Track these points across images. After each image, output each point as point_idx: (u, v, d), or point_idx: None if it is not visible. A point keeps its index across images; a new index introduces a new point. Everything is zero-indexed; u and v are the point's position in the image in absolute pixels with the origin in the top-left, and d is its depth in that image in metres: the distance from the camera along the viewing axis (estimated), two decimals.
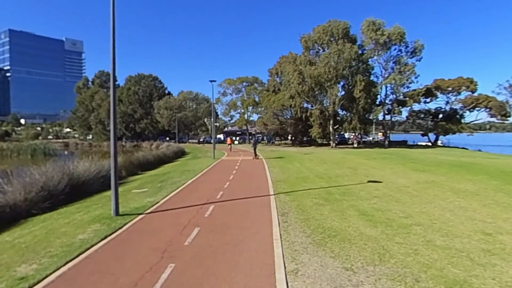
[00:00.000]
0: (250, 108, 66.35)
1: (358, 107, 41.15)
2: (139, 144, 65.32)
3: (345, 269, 4.97)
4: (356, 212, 8.42)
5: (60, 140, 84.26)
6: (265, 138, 72.10)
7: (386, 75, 43.11)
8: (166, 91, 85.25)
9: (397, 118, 49.78)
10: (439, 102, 49.94)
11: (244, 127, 71.56)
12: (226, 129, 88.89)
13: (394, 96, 44.24)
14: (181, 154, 38.00)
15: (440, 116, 49.69)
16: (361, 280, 4.61)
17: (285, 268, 5.05)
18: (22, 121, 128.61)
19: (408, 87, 43.33)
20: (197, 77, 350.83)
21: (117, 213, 8.45)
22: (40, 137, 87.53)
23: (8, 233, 8.23)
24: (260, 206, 9.30)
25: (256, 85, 66.70)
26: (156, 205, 9.69)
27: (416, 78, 42.31)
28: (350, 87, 41.99)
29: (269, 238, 6.47)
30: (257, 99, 63.32)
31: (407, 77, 41.40)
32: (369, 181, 13.49)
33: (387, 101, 44.87)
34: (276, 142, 66.54)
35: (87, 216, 8.77)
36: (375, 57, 43.13)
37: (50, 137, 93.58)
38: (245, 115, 67.85)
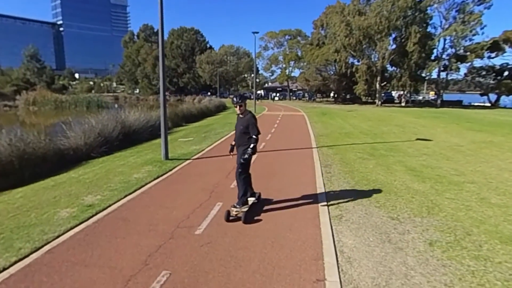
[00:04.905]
0: (292, 63, 64.28)
1: (410, 62, 37.94)
2: (182, 98, 67.03)
3: (390, 218, 4.93)
4: (403, 168, 8.13)
5: (111, 94, 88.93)
6: (306, 94, 70.32)
7: (446, 26, 38.65)
8: (208, 45, 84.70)
9: (454, 76, 45.28)
10: (506, 58, 44.45)
11: (285, 83, 70.05)
12: (266, 85, 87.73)
13: (453, 50, 39.93)
14: (222, 108, 38.57)
15: (506, 73, 44.37)
16: (408, 229, 4.56)
17: (329, 213, 5.13)
18: (76, 75, 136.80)
19: (471, 39, 38.62)
20: (238, 31, 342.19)
21: (166, 157, 8.99)
22: (93, 91, 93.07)
23: (74, 171, 9.16)
24: (303, 158, 9.33)
25: (299, 38, 63.78)
26: (202, 152, 10.12)
27: (481, 29, 37.44)
28: (403, 40, 38.48)
29: (312, 186, 6.54)
30: (299, 54, 60.88)
31: (471, 28, 36.74)
32: (417, 139, 12.82)
33: (444, 56, 40.76)
34: (318, 99, 64.75)
35: (140, 159, 9.44)
36: (435, 5, 38.50)
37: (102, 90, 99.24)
38: (287, 71, 66.02)
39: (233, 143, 5.37)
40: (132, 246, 4.00)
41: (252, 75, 66.45)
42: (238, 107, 5.21)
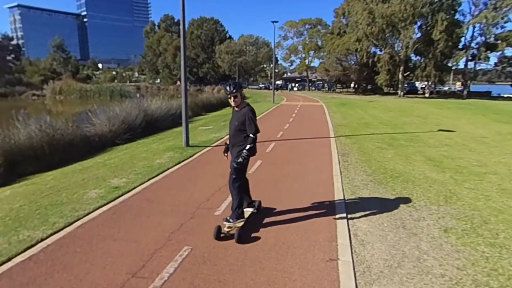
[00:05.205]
0: (311, 52, 63.33)
1: (435, 52, 36.50)
2: (201, 88, 67.65)
3: (406, 206, 4.96)
4: (422, 158, 8.05)
5: (133, 84, 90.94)
6: (325, 85, 69.31)
7: (476, 13, 36.79)
8: (227, 35, 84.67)
9: (483, 65, 43.17)
10: None
11: (304, 73, 69.23)
12: (285, 75, 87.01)
13: (483, 38, 38.00)
14: None
15: None
16: (423, 216, 4.59)
17: (344, 199, 5.22)
18: (100, 65, 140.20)
19: (502, 27, 36.55)
20: (257, 20, 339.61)
21: (187, 144, 9.29)
22: (115, 80, 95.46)
23: (99, 156, 9.63)
24: (320, 146, 9.38)
25: (319, 27, 62.66)
26: (221, 140, 10.36)
27: None
28: (429, 28, 37.00)
29: (329, 173, 6.62)
30: (319, 43, 59.85)
31: (504, 14, 34.80)
32: (440, 130, 12.55)
33: (472, 45, 38.93)
34: (338, 90, 63.69)
35: (162, 146, 9.79)
36: None
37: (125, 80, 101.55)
38: (306, 61, 65.16)
39: (228, 142, 4.37)
40: (156, 224, 4.27)
41: (271, 65, 66.08)
42: (232, 98, 4.01)
